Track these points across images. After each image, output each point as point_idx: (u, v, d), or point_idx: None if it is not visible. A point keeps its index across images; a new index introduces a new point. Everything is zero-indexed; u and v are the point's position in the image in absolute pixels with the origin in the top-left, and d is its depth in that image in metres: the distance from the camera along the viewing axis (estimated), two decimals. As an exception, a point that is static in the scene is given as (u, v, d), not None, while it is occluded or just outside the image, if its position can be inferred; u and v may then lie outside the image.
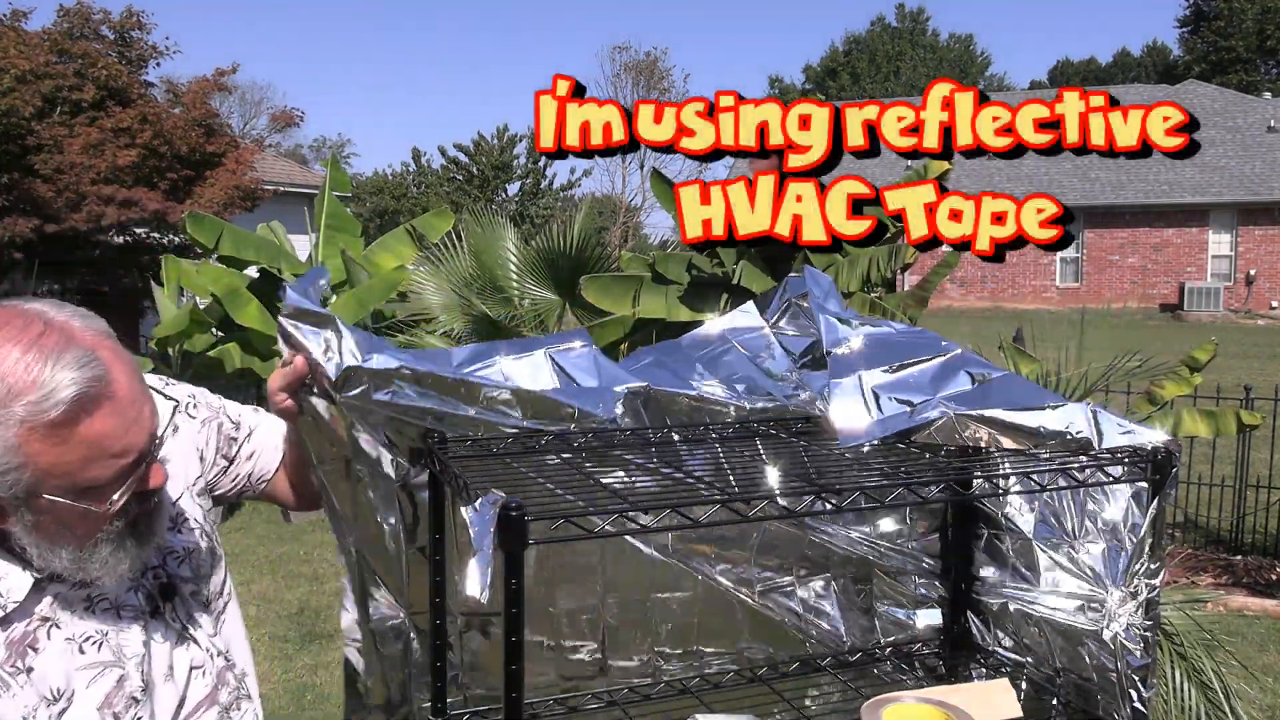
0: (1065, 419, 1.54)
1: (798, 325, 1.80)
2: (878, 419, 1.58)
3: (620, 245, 21.27)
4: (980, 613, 1.93)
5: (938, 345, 1.68)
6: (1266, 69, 48.08)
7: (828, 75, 53.60)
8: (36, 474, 1.17)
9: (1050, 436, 1.54)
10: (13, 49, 13.24)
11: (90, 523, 1.23)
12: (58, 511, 1.20)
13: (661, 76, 31.33)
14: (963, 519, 1.93)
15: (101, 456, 1.20)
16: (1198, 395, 5.47)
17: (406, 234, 8.58)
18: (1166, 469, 1.52)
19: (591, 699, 1.73)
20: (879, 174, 30.88)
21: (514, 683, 1.23)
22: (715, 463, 1.59)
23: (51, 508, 1.20)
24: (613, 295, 5.50)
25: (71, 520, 1.22)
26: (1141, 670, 1.59)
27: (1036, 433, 1.55)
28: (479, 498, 1.19)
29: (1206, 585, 5.91)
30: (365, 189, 36.27)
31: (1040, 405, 1.56)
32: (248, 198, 15.33)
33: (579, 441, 1.59)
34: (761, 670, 1.84)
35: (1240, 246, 26.69)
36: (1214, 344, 5.11)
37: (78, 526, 1.23)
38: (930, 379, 1.63)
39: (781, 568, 1.88)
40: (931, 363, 1.65)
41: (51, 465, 1.17)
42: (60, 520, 1.21)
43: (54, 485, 1.18)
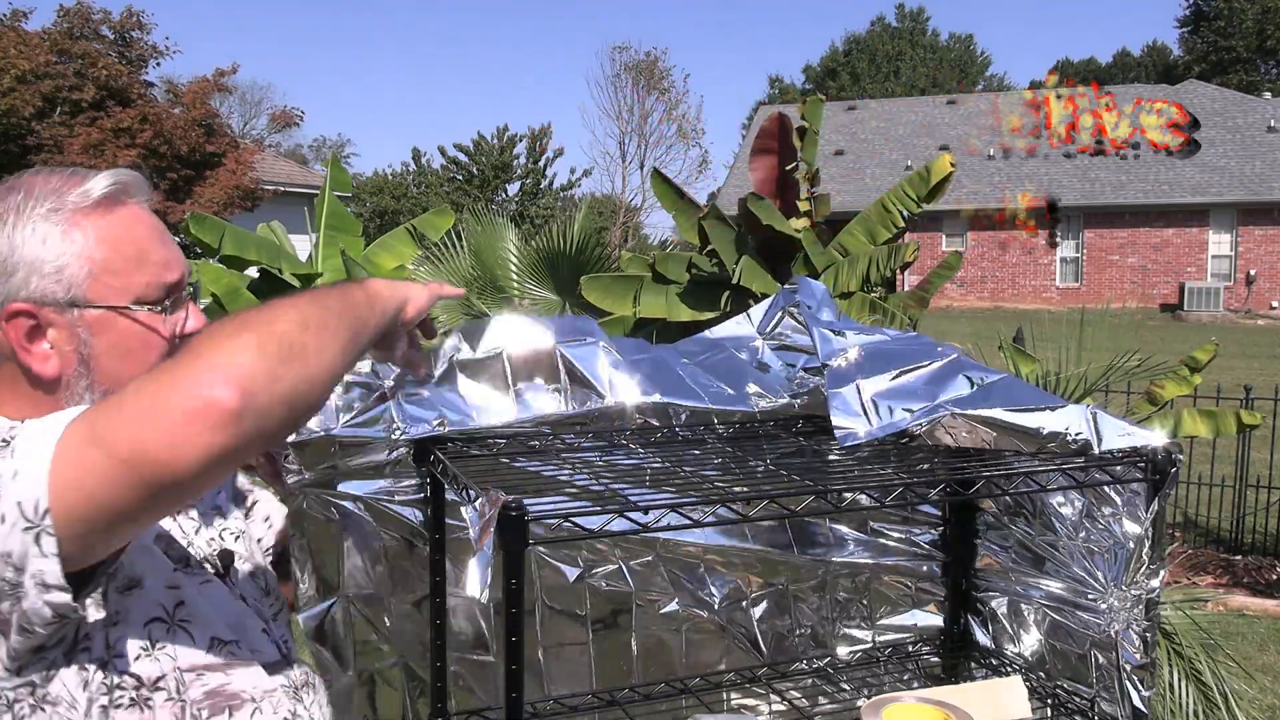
0: (1064, 421, 1.54)
1: (793, 334, 1.80)
2: (878, 425, 1.58)
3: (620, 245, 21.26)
4: (980, 613, 1.94)
5: (934, 350, 1.68)
6: (1266, 69, 48.08)
7: (828, 75, 53.58)
8: (91, 269, 1.10)
9: (1050, 439, 1.54)
10: (13, 49, 13.25)
11: (148, 349, 1.14)
12: (116, 332, 1.12)
13: (661, 76, 31.34)
14: (963, 519, 1.93)
15: (148, 262, 1.15)
16: (1198, 395, 5.47)
17: (406, 234, 8.57)
18: (1166, 470, 1.52)
19: (591, 699, 1.73)
20: (879, 174, 30.84)
21: (514, 683, 1.23)
22: (716, 463, 1.59)
23: (109, 325, 1.12)
24: (613, 295, 5.50)
25: (128, 345, 1.13)
26: (1141, 670, 1.59)
27: (1037, 434, 1.55)
28: (479, 498, 1.19)
29: (1206, 585, 5.91)
30: (365, 189, 36.27)
31: (1040, 406, 1.56)
32: (248, 198, 15.35)
33: (579, 441, 1.59)
34: (761, 670, 1.85)
35: (1240, 246, 26.69)
36: (1214, 344, 5.11)
37: (134, 354, 1.13)
38: (927, 383, 1.63)
39: (780, 573, 1.88)
40: (929, 368, 1.65)
41: (104, 260, 1.11)
42: (114, 346, 1.12)
43: (107, 287, 1.11)
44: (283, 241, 8.98)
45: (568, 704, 1.72)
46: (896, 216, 5.27)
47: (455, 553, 1.58)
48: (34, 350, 1.10)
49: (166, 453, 0.91)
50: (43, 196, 1.11)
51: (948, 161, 5.14)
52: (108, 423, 0.93)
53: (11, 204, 1.11)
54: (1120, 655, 1.61)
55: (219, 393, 0.92)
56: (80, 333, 1.11)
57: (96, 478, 0.92)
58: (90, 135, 13.64)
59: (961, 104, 35.00)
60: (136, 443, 0.91)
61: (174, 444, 0.91)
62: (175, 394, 0.92)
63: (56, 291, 1.10)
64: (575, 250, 6.35)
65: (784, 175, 5.49)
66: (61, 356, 1.11)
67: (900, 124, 33.79)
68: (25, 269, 1.09)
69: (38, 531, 0.93)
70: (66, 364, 1.11)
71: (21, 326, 1.09)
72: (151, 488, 0.93)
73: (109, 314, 1.12)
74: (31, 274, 1.09)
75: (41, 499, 0.93)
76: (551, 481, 1.46)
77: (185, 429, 0.91)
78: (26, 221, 1.10)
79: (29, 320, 1.09)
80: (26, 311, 1.09)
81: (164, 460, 0.91)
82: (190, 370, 0.94)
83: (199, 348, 0.96)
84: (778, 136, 5.52)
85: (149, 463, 0.91)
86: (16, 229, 1.10)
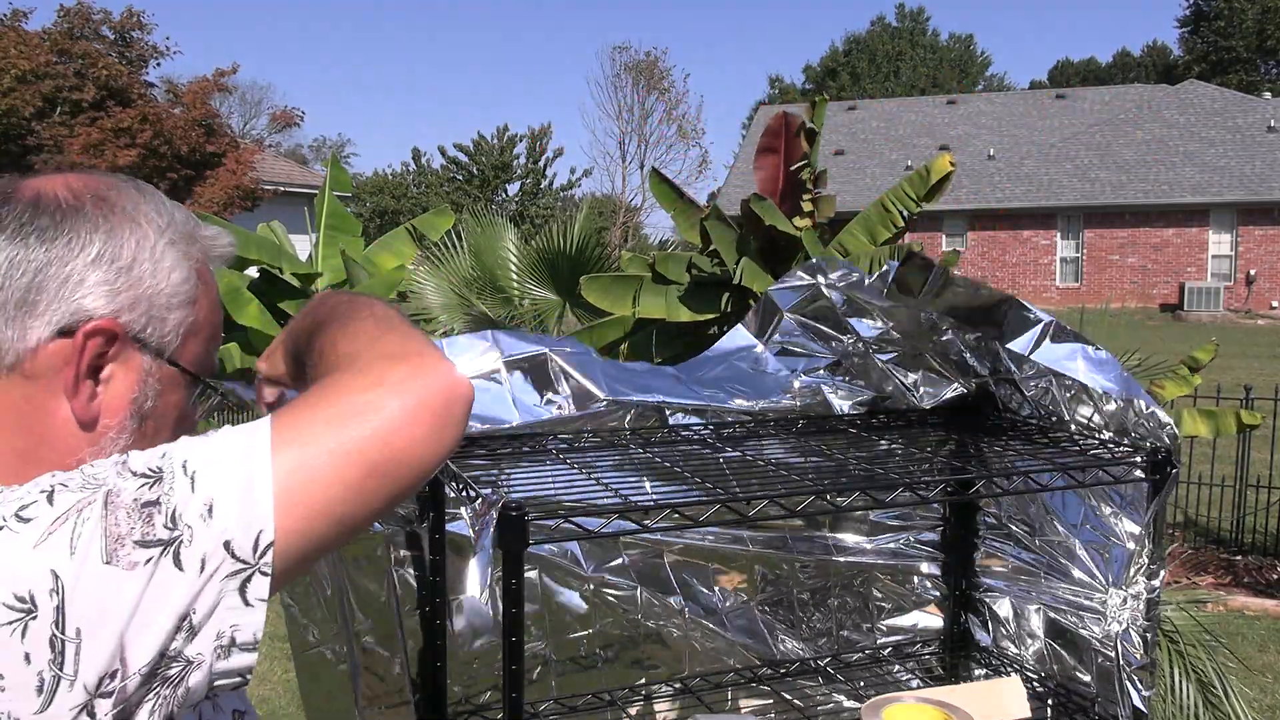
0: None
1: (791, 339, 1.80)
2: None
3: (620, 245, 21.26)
4: (980, 613, 1.93)
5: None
6: (1266, 69, 48.07)
7: (828, 75, 53.57)
8: (193, 324, 0.96)
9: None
10: (13, 49, 13.26)
11: (181, 428, 0.99)
12: (175, 398, 0.96)
13: (661, 76, 31.36)
14: (963, 519, 1.93)
15: (218, 338, 1.02)
16: (1198, 395, 5.47)
17: (407, 234, 8.58)
18: (1166, 469, 1.52)
19: (592, 699, 1.73)
20: (879, 174, 30.81)
21: (514, 683, 1.23)
22: (716, 463, 1.59)
23: (173, 389, 0.96)
24: (613, 295, 5.49)
25: (172, 417, 0.97)
26: (1141, 670, 1.59)
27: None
28: (479, 498, 1.19)
29: (1206, 585, 5.91)
30: (365, 189, 36.29)
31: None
32: (248, 197, 15.35)
33: (579, 442, 1.59)
34: (761, 670, 1.85)
35: (1240, 246, 26.67)
36: (1214, 344, 5.10)
37: (169, 431, 0.97)
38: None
39: (780, 573, 1.88)
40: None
41: (204, 319, 0.97)
42: (164, 412, 0.96)
43: (190, 349, 0.96)
44: (283, 241, 8.97)
45: (568, 704, 1.72)
46: (896, 216, 5.27)
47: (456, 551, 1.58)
48: (84, 383, 0.89)
49: (429, 451, 0.83)
50: (176, 217, 0.96)
51: (947, 161, 5.13)
52: (358, 428, 0.80)
53: (144, 209, 0.94)
54: (1120, 655, 1.61)
55: (464, 385, 0.85)
56: (150, 383, 0.93)
57: (343, 491, 0.79)
58: (90, 135, 13.64)
59: (961, 104, 35.01)
60: (400, 445, 0.80)
61: (433, 441, 0.82)
62: (428, 390, 0.83)
63: (154, 329, 0.92)
64: (575, 250, 6.34)
65: (788, 175, 5.49)
66: (110, 400, 0.91)
67: (900, 124, 33.79)
68: (137, 289, 0.91)
69: (249, 574, 0.76)
70: (111, 411, 0.91)
71: (93, 349, 0.89)
72: (402, 493, 0.83)
73: (180, 377, 0.96)
74: (141, 298, 0.91)
75: (266, 531, 0.76)
76: (551, 482, 1.46)
77: (444, 422, 0.83)
78: (159, 237, 0.93)
79: (104, 345, 0.89)
80: (110, 333, 0.89)
81: (425, 459, 0.83)
82: (422, 363, 0.85)
83: (385, 345, 0.87)
84: (782, 136, 5.51)
85: (409, 464, 0.81)
86: (145, 241, 0.92)
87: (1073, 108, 33.40)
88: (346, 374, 0.84)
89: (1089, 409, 1.63)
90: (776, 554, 1.87)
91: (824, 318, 1.79)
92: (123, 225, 0.91)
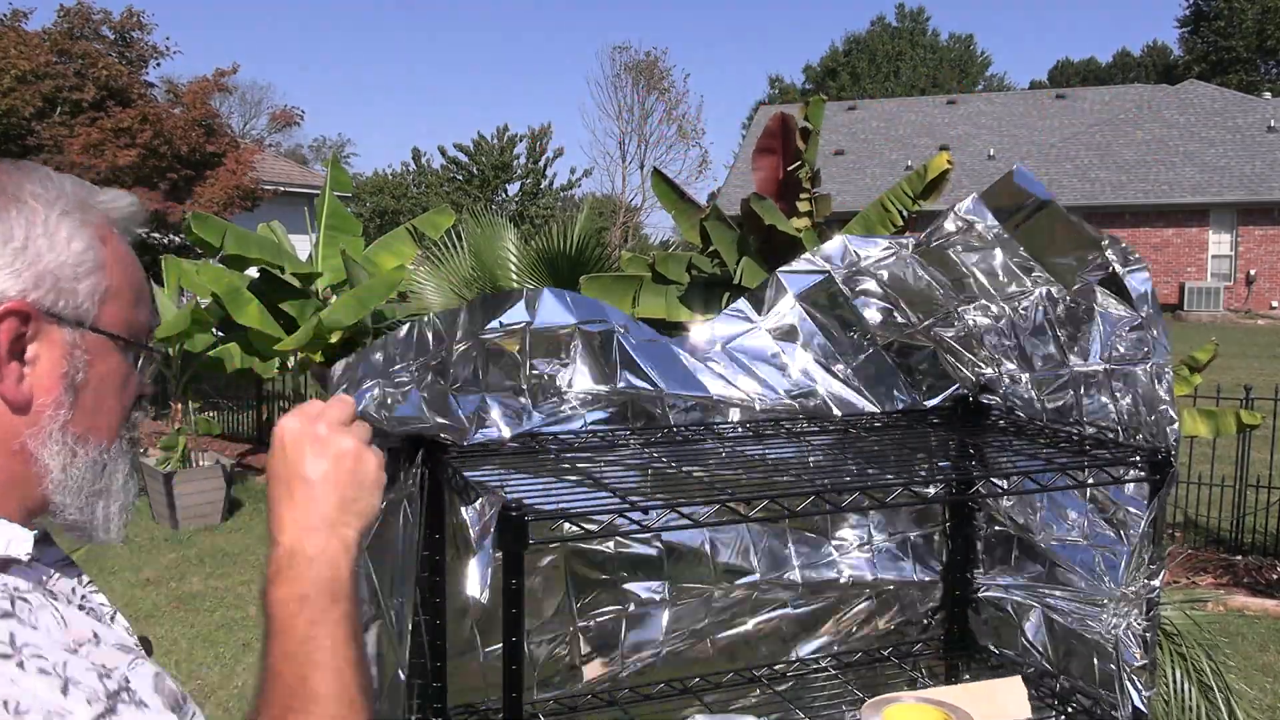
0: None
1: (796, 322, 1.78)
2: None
3: (620, 245, 21.26)
4: (980, 613, 1.93)
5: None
6: (1266, 69, 48.06)
7: (828, 75, 53.57)
8: (107, 289, 0.94)
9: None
10: (13, 49, 13.25)
11: (125, 394, 0.98)
12: (108, 366, 0.95)
13: (661, 76, 31.34)
14: (963, 519, 1.93)
15: (144, 300, 1.00)
16: (1198, 395, 5.47)
17: (407, 234, 8.58)
18: (1165, 469, 1.52)
19: (592, 699, 1.73)
20: (879, 174, 30.78)
21: (514, 683, 1.23)
22: (717, 462, 1.59)
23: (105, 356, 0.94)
24: (613, 295, 5.49)
25: (111, 383, 0.96)
26: (1141, 670, 1.59)
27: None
28: (479, 498, 1.19)
29: (1206, 585, 5.90)
30: (365, 189, 36.26)
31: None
32: (248, 198, 15.34)
33: (579, 441, 1.59)
34: (761, 670, 1.84)
35: (1240, 246, 26.67)
36: (1214, 344, 5.11)
37: (113, 397, 0.96)
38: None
39: (781, 572, 1.88)
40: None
41: (119, 284, 0.95)
42: (101, 381, 0.94)
43: (113, 313, 0.95)
44: (282, 241, 8.97)
45: (568, 704, 1.72)
46: (895, 215, 5.27)
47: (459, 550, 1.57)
48: (9, 366, 0.88)
49: None
50: (66, 188, 0.95)
51: (945, 159, 5.13)
52: None
53: (29, 187, 0.92)
54: (1120, 655, 1.61)
55: None
56: (76, 355, 0.91)
57: None
58: (90, 135, 13.63)
59: (961, 104, 35.00)
60: None
61: None
62: None
63: (66, 301, 0.91)
64: (575, 250, 6.34)
65: (787, 175, 5.49)
66: (39, 379, 0.90)
67: (900, 124, 33.79)
68: (38, 266, 0.89)
69: None
70: (44, 389, 0.90)
71: (8, 331, 0.87)
72: None
73: (109, 343, 0.94)
74: (45, 274, 0.90)
75: None
76: (552, 480, 1.46)
77: None
78: (50, 211, 0.92)
79: (20, 325, 0.88)
80: (22, 313, 0.88)
81: None
82: None
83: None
84: (781, 136, 5.51)
85: None
86: (36, 218, 0.91)
87: (1073, 108, 33.41)
88: None
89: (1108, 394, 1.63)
90: (776, 553, 1.86)
91: (832, 305, 1.77)
92: (7, 207, 0.90)
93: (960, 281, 1.71)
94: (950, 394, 1.85)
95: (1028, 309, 1.70)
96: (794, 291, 1.76)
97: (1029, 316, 1.71)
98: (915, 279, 1.72)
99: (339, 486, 1.02)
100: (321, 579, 0.98)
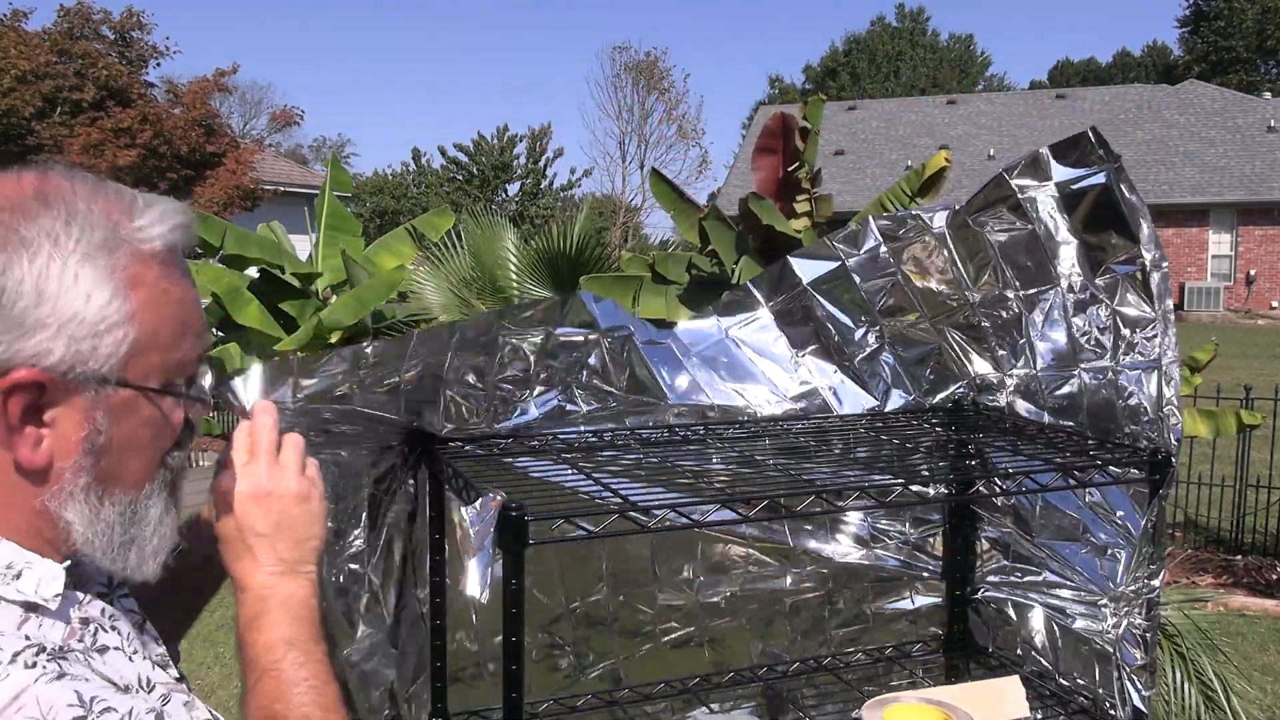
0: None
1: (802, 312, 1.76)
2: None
3: (620, 245, 21.27)
4: (980, 613, 1.93)
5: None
6: (1266, 69, 48.05)
7: (828, 75, 53.55)
8: (135, 341, 0.84)
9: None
10: (13, 49, 13.26)
11: (158, 444, 0.90)
12: (136, 420, 0.87)
13: (662, 76, 31.36)
14: (963, 518, 1.93)
15: (189, 334, 0.90)
16: (1198, 395, 5.47)
17: (407, 234, 8.58)
18: (1165, 469, 1.52)
19: (592, 699, 1.73)
20: (879, 174, 30.77)
21: (514, 683, 1.23)
22: (716, 462, 1.59)
23: (132, 411, 0.86)
24: (613, 295, 5.49)
25: (141, 438, 0.87)
26: (1141, 670, 1.59)
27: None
28: (479, 498, 1.19)
29: (1206, 585, 5.90)
30: (365, 189, 36.26)
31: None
32: (248, 197, 15.35)
33: (579, 441, 1.59)
34: (761, 670, 1.84)
35: (1240, 246, 26.66)
36: (1214, 344, 5.10)
37: (142, 452, 0.88)
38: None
39: (781, 572, 1.88)
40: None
41: (151, 331, 0.85)
42: (127, 438, 0.86)
43: (143, 365, 0.85)
44: (282, 241, 8.97)
45: (568, 704, 1.72)
46: (896, 216, 5.26)
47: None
48: (24, 431, 0.81)
49: None
50: (91, 223, 0.83)
51: (943, 156, 5.12)
52: None
53: (45, 226, 0.81)
54: (1120, 655, 1.61)
55: None
56: (98, 417, 0.84)
57: None
58: (90, 135, 13.64)
59: (961, 104, 35.01)
60: None
61: None
62: None
63: (85, 363, 0.82)
64: (575, 250, 6.34)
65: (787, 175, 5.49)
66: (59, 443, 0.83)
67: (900, 124, 33.78)
68: (53, 327, 0.80)
69: None
70: (64, 453, 0.83)
71: (21, 401, 0.80)
72: None
73: (137, 397, 0.86)
74: (60, 335, 0.80)
75: None
76: (551, 481, 1.46)
77: None
78: (67, 259, 0.81)
79: (33, 395, 0.81)
80: (36, 384, 0.80)
81: None
82: None
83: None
84: (780, 136, 5.51)
85: None
86: (51, 268, 0.80)
87: (1073, 108, 33.39)
88: None
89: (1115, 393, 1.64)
90: (775, 554, 1.86)
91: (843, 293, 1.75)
92: (18, 255, 0.79)
93: (981, 268, 1.70)
94: (951, 393, 1.85)
95: (1046, 301, 1.70)
96: (806, 279, 1.73)
97: (1045, 312, 1.71)
98: (935, 267, 1.71)
99: (293, 530, 1.02)
100: (301, 620, 1.00)
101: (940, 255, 1.70)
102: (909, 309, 1.76)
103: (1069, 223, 1.65)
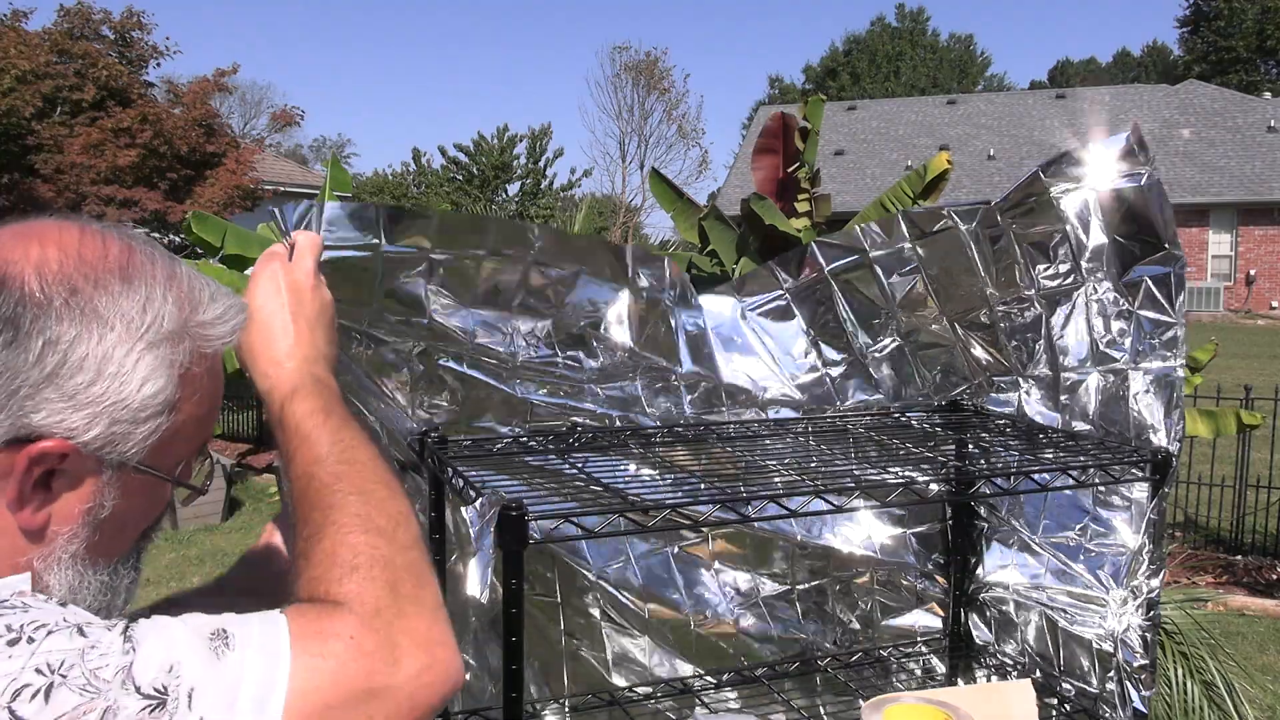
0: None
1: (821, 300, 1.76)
2: None
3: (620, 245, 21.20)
4: (981, 612, 1.93)
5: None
6: (1266, 69, 48.05)
7: (828, 75, 53.56)
8: (169, 430, 0.85)
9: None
10: (13, 49, 13.26)
11: (148, 517, 0.91)
12: (139, 500, 0.87)
13: (662, 76, 31.35)
14: (963, 518, 1.93)
15: (214, 412, 0.92)
16: (1198, 395, 5.47)
17: (406, 234, 8.57)
18: (1166, 469, 1.52)
19: (592, 699, 1.73)
20: (879, 174, 30.78)
21: (514, 682, 1.23)
22: (717, 462, 1.59)
23: (138, 492, 0.86)
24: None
25: (136, 511, 0.88)
26: (1141, 670, 1.59)
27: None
28: (479, 498, 1.19)
29: (1206, 585, 5.90)
30: (365, 189, 36.25)
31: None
32: (248, 197, 15.35)
33: (579, 441, 1.59)
34: (761, 670, 1.84)
35: (1240, 246, 26.67)
36: (1214, 344, 5.11)
37: (135, 525, 0.89)
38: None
39: (781, 572, 1.87)
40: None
41: (187, 417, 0.86)
42: (125, 512, 0.86)
43: (168, 452, 0.87)
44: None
45: (568, 704, 1.72)
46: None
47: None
48: (31, 498, 0.80)
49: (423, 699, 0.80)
50: (165, 314, 0.83)
51: (944, 159, 5.13)
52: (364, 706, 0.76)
53: (124, 308, 0.81)
54: (1121, 655, 1.61)
55: (459, 682, 0.85)
56: (108, 492, 0.83)
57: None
58: (90, 135, 13.64)
59: (961, 104, 35.02)
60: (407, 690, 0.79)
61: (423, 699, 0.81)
62: (438, 694, 0.81)
63: (116, 445, 0.81)
64: (575, 250, 6.33)
65: (787, 175, 5.49)
66: (60, 510, 0.82)
67: (900, 124, 33.78)
68: (100, 406, 0.80)
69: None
70: (62, 519, 0.82)
71: (42, 467, 0.79)
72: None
73: (152, 480, 0.86)
74: (103, 415, 0.80)
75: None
76: (552, 481, 1.46)
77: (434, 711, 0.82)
78: (134, 345, 0.81)
79: (56, 463, 0.80)
80: (63, 454, 0.79)
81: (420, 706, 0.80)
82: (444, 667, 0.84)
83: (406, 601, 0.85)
84: (780, 136, 5.52)
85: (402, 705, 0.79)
86: (116, 353, 0.80)
87: (1073, 108, 33.39)
88: (358, 615, 0.79)
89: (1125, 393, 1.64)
90: (776, 550, 1.86)
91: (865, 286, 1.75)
92: (90, 330, 0.79)
93: (1008, 268, 1.70)
94: (955, 392, 1.85)
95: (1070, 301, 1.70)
96: (828, 267, 1.73)
97: (1067, 313, 1.71)
98: (960, 265, 1.71)
99: (327, 330, 1.11)
100: (336, 398, 1.03)
101: (966, 253, 1.70)
102: (928, 305, 1.76)
103: (1101, 223, 1.65)
